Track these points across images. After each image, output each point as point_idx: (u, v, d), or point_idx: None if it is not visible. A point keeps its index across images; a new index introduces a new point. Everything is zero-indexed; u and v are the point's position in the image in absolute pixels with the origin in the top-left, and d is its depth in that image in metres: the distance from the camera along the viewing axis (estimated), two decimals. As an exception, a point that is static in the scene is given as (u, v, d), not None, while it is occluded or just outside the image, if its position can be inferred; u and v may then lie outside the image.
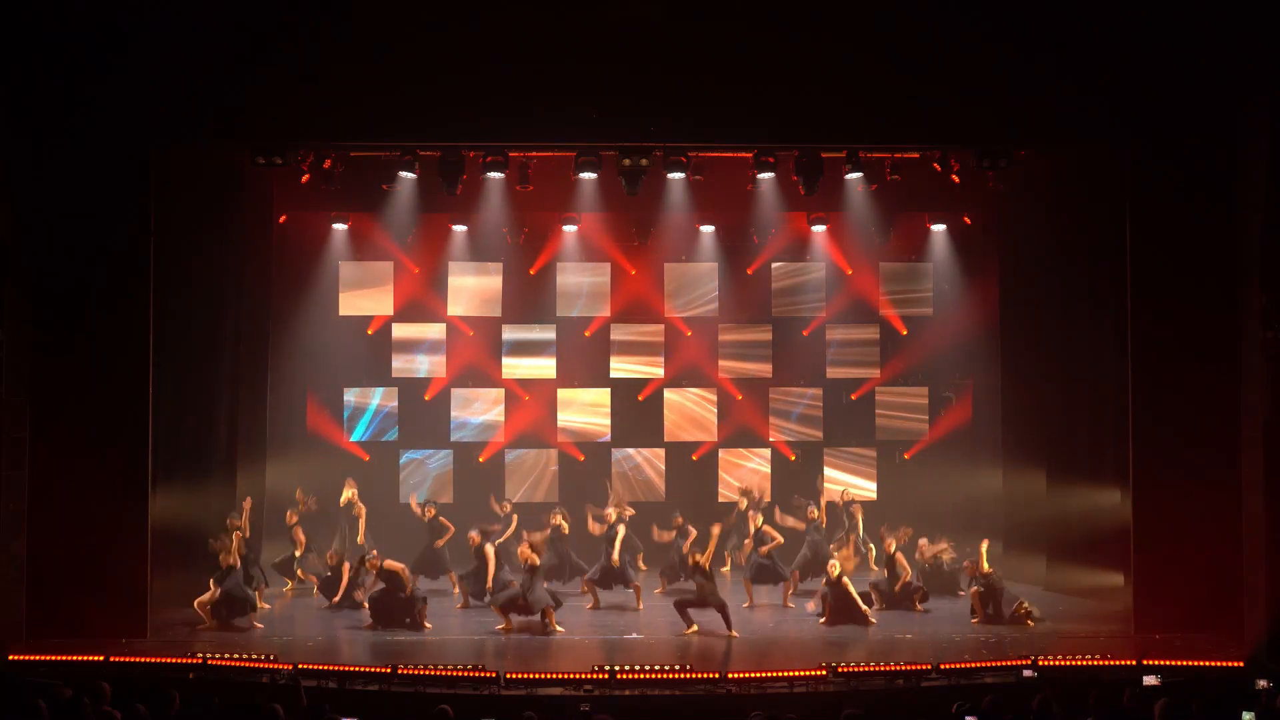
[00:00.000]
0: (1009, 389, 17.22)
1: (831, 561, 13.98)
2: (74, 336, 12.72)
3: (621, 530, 14.99)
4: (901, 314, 18.81)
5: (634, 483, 18.52)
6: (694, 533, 14.95)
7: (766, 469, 18.72)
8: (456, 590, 15.17)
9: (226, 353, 15.68)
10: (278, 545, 16.03)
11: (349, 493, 16.07)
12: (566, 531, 15.20)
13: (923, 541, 15.48)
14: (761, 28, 12.80)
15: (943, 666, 11.12)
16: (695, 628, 13.33)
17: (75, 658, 11.38)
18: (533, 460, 18.67)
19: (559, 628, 13.39)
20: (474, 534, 14.33)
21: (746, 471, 18.56)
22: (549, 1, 12.86)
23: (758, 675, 11.03)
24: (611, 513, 15.29)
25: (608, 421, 18.79)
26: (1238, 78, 12.54)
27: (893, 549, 14.65)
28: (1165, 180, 12.95)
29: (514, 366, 18.70)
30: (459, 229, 18.09)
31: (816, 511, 15.66)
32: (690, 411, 18.95)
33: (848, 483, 18.13)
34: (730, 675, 10.91)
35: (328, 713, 8.73)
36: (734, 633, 13.22)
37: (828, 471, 18.51)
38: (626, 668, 10.83)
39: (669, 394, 18.92)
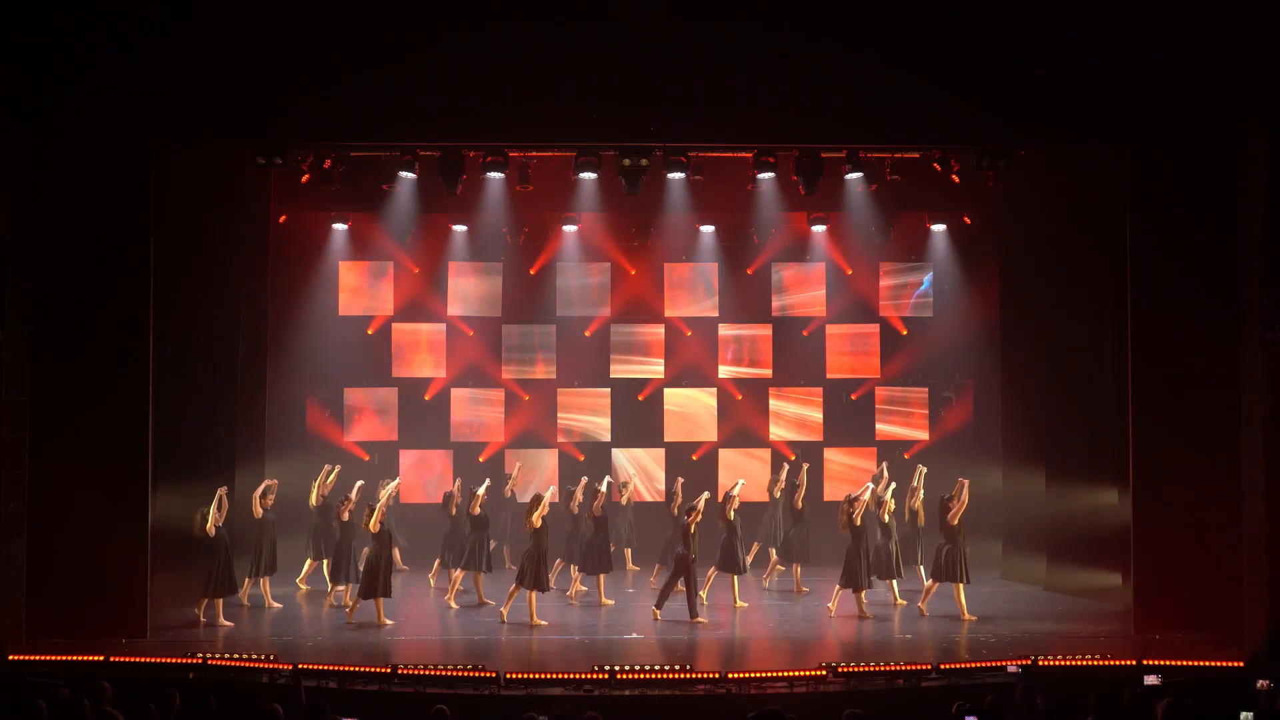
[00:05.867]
0: (1009, 389, 17.21)
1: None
2: (74, 336, 12.70)
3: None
4: (901, 315, 18.85)
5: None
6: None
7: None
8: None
9: (226, 352, 15.67)
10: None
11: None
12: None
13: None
14: (761, 27, 12.80)
15: (943, 666, 11.12)
16: None
17: (75, 658, 11.37)
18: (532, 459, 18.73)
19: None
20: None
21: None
22: (549, 1, 12.86)
23: (758, 675, 11.03)
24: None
25: (608, 421, 18.80)
26: (1238, 78, 12.54)
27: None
28: (1166, 180, 12.94)
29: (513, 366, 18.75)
30: (459, 229, 18.12)
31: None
32: (690, 411, 18.96)
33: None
34: (730, 675, 10.90)
35: (328, 713, 8.71)
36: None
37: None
38: (626, 668, 10.84)
39: (669, 394, 18.94)
